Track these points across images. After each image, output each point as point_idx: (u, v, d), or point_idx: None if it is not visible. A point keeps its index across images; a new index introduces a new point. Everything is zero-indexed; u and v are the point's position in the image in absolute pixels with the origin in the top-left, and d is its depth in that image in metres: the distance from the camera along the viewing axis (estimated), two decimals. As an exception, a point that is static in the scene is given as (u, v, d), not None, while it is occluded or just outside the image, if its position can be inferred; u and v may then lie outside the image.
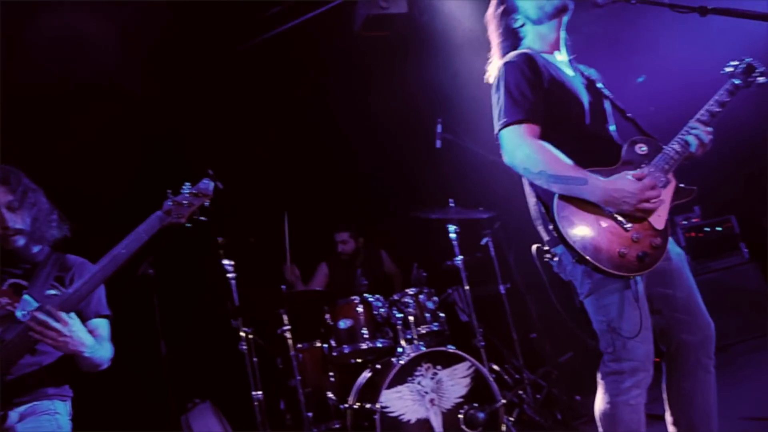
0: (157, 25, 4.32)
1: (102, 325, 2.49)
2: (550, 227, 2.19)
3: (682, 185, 2.28)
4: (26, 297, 2.25)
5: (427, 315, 4.19)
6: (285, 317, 4.12)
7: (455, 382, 3.82)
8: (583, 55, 2.58)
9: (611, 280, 2.14)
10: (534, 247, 2.30)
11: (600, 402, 2.23)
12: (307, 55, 5.24)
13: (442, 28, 5.09)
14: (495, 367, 4.69)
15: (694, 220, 5.79)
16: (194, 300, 4.82)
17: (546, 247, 2.26)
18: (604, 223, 2.14)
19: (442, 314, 4.28)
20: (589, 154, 2.24)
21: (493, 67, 2.46)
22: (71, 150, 4.53)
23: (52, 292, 2.38)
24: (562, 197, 2.17)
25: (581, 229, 2.13)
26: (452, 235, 4.50)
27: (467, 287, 4.48)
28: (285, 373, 4.35)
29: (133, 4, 4.06)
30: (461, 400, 3.78)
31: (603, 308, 2.19)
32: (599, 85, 2.45)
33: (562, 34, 2.44)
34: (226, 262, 4.29)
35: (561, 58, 2.44)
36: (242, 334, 4.21)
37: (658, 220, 2.18)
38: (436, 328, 4.16)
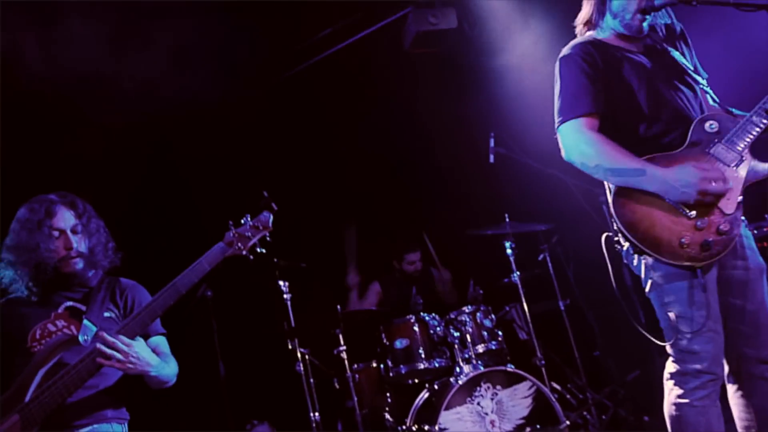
0: (213, 46, 4.42)
1: (162, 342, 2.56)
2: (611, 220, 2.14)
3: (759, 162, 2.13)
4: (86, 322, 2.31)
5: (485, 333, 4.09)
6: (341, 337, 4.10)
7: (516, 402, 3.70)
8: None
9: (676, 274, 2.06)
10: (604, 235, 2.24)
11: (666, 403, 2.15)
12: (359, 76, 5.27)
13: (492, 41, 5.03)
14: (557, 386, 4.53)
15: (765, 229, 5.49)
16: (251, 321, 4.86)
17: (616, 237, 2.19)
18: (665, 213, 2.06)
19: (500, 332, 4.17)
20: (656, 139, 2.18)
21: (579, 29, 2.40)
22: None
23: (108, 314, 2.46)
24: (620, 189, 2.11)
25: (640, 221, 2.07)
26: (509, 251, 4.41)
27: (525, 304, 4.36)
28: (342, 393, 4.32)
29: (188, 23, 4.14)
30: (523, 421, 3.66)
31: (667, 305, 2.11)
32: (677, 54, 2.31)
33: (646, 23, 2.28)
34: (281, 283, 4.31)
35: (637, 45, 2.31)
36: (298, 354, 4.21)
37: (728, 204, 2.07)
38: (494, 347, 4.05)
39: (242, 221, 2.43)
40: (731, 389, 2.20)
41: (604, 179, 2.16)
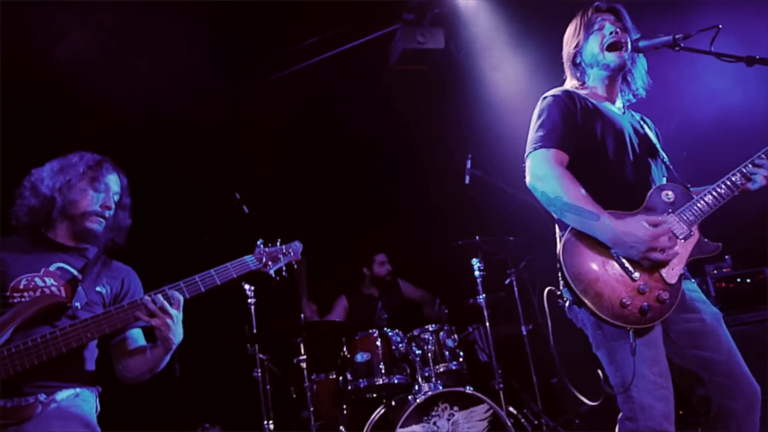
0: (193, 48, 4.39)
1: (141, 335, 2.48)
2: (558, 265, 2.12)
3: (706, 240, 2.18)
4: (81, 290, 2.28)
5: (447, 353, 4.10)
6: (302, 347, 4.07)
7: (472, 424, 3.70)
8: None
9: (619, 332, 2.05)
10: (547, 289, 2.23)
11: None
12: (343, 86, 5.27)
13: (478, 66, 5.09)
14: (513, 410, 4.55)
15: (725, 270, 5.63)
16: (212, 323, 4.78)
17: (559, 292, 2.17)
18: (612, 269, 2.06)
19: (461, 353, 4.18)
20: (614, 194, 2.18)
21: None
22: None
23: (100, 289, 2.39)
24: (575, 234, 2.10)
25: (586, 272, 2.05)
26: (477, 273, 4.43)
27: (488, 327, 4.38)
28: (298, 403, 4.27)
29: (168, 24, 4.12)
30: (477, 444, 3.66)
31: (615, 363, 2.10)
32: (649, 132, 2.39)
33: (621, 86, 2.41)
34: (247, 287, 4.26)
35: (613, 106, 2.39)
36: (258, 360, 4.15)
37: (671, 274, 2.08)
38: (454, 367, 4.06)
39: (272, 243, 2.54)
40: None
41: (559, 215, 2.14)
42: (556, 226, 2.24)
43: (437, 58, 4.75)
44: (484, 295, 4.41)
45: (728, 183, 2.20)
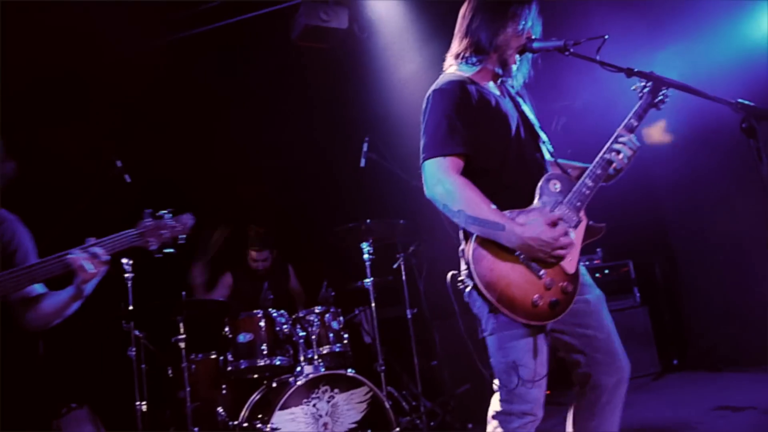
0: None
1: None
2: (467, 269, 2.14)
3: (591, 223, 2.30)
4: None
5: (331, 335, 4.11)
6: (181, 325, 3.92)
7: (351, 407, 3.74)
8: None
9: (515, 323, 2.12)
10: (450, 274, 2.25)
11: None
12: (239, 56, 5.06)
13: (381, 47, 5.07)
14: (393, 392, 4.66)
15: (596, 262, 6.06)
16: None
17: (461, 277, 2.21)
18: (519, 271, 2.12)
19: (346, 335, 4.20)
20: (508, 191, 2.23)
21: (446, 65, 2.42)
22: None
23: None
24: (480, 241, 2.12)
25: (498, 279, 2.10)
26: (366, 256, 4.46)
27: (374, 309, 4.43)
28: (174, 383, 4.11)
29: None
30: (355, 425, 3.72)
31: (503, 350, 2.17)
32: (528, 111, 2.42)
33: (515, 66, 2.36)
34: (124, 261, 4.03)
35: (497, 90, 2.39)
36: (133, 338, 3.96)
37: (570, 263, 2.18)
38: (338, 350, 4.08)
39: (160, 214, 2.31)
40: (575, 408, 2.33)
41: (464, 225, 2.15)
42: (460, 232, 2.26)
43: (340, 37, 4.67)
44: (371, 278, 4.45)
45: (601, 162, 2.28)
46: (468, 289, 2.18)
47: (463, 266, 2.20)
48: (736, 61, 5.12)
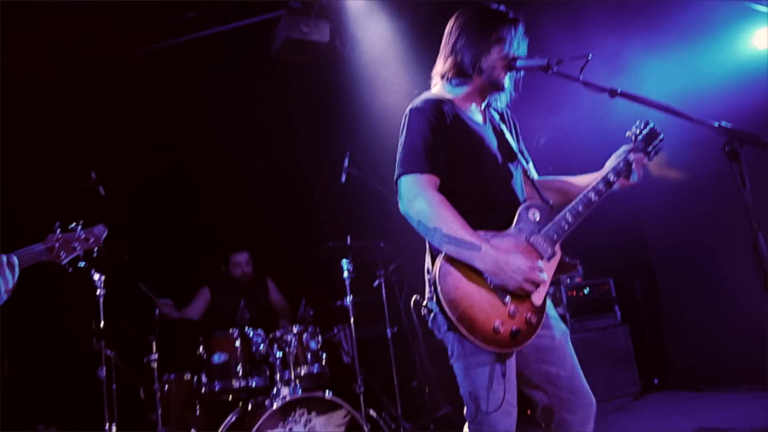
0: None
1: None
2: (431, 291, 2.08)
3: (567, 258, 2.25)
4: None
5: (309, 355, 4.02)
6: (154, 345, 3.80)
7: (330, 429, 3.64)
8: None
9: (481, 351, 2.06)
10: (414, 298, 2.19)
11: None
12: (219, 68, 4.98)
13: (363, 61, 5.02)
14: (372, 413, 4.55)
15: (576, 280, 6.03)
16: (52, 314, 4.35)
17: (425, 302, 2.14)
18: (485, 294, 2.06)
19: (324, 355, 4.11)
20: (485, 214, 2.18)
21: (432, 83, 2.39)
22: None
23: None
24: (448, 258, 2.07)
25: (461, 298, 2.04)
26: (345, 274, 4.38)
27: (353, 329, 4.35)
28: (147, 405, 3.98)
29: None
30: (333, 450, 3.62)
31: (469, 377, 2.11)
32: (508, 136, 2.39)
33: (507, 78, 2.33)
34: (96, 276, 3.90)
35: (478, 114, 2.36)
36: (104, 357, 3.82)
37: (538, 295, 2.13)
38: (316, 370, 3.99)
39: (72, 227, 2.24)
40: None
41: (438, 244, 2.09)
42: (428, 247, 2.20)
43: (321, 51, 4.61)
44: (351, 296, 4.37)
45: (584, 200, 2.27)
46: (432, 315, 2.13)
47: (427, 290, 2.13)
48: (720, 83, 5.18)
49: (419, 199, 2.10)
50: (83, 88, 4.58)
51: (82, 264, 2.25)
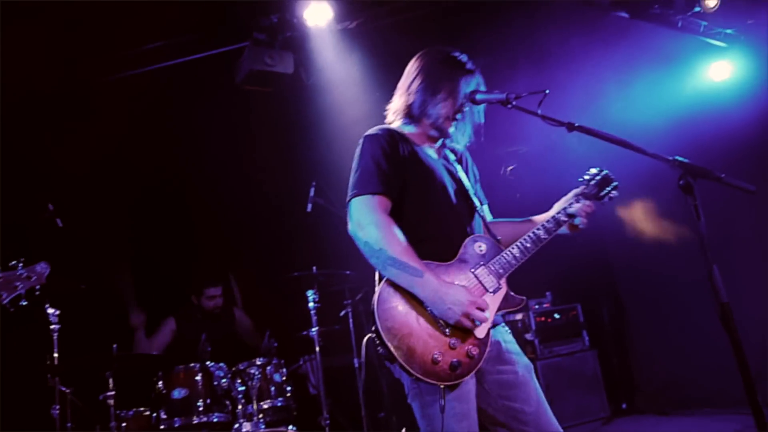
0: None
1: None
2: (372, 314, 2.05)
3: (512, 293, 2.23)
4: None
5: (273, 388, 3.94)
6: (111, 381, 3.67)
7: (292, 466, 3.56)
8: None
9: (437, 388, 2.02)
10: (366, 337, 2.14)
11: None
12: (182, 99, 4.93)
13: (327, 93, 5.04)
14: (339, 447, 4.48)
15: (545, 305, 6.07)
16: (4, 351, 4.19)
17: (378, 340, 2.06)
18: (424, 324, 2.03)
19: (289, 388, 4.04)
20: (430, 243, 2.17)
21: (388, 119, 2.40)
22: None
23: None
24: (390, 284, 2.05)
25: (400, 327, 2.00)
26: (311, 305, 4.33)
27: (320, 360, 4.28)
28: (103, 444, 3.84)
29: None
30: (297, 487, 3.52)
31: (426, 417, 2.07)
32: (462, 175, 2.40)
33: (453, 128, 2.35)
34: (51, 311, 3.78)
35: (431, 150, 2.38)
36: (58, 394, 3.69)
37: (480, 329, 2.09)
38: (280, 404, 3.92)
39: (12, 264, 2.15)
40: None
41: (381, 267, 2.07)
42: (377, 274, 2.17)
43: (285, 82, 4.61)
44: (317, 327, 4.32)
45: (533, 237, 2.27)
46: (381, 350, 2.07)
47: (374, 333, 2.07)
48: (679, 113, 5.35)
49: (368, 221, 2.09)
50: (37, 119, 4.49)
51: (24, 303, 2.15)
